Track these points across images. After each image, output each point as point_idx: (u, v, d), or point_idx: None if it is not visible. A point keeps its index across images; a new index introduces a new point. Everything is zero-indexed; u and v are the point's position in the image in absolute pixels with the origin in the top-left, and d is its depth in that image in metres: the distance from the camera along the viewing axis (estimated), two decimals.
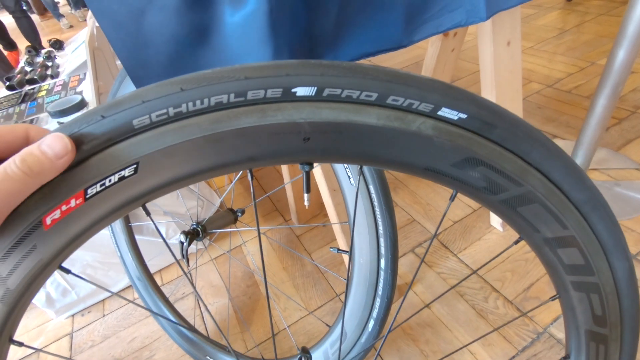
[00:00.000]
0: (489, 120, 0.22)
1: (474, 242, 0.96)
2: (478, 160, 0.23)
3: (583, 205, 0.26)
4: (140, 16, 0.35)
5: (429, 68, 1.01)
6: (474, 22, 0.55)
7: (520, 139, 0.23)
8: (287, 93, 0.20)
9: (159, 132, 0.20)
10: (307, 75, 0.20)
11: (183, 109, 0.20)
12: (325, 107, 0.21)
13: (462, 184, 0.24)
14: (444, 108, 0.21)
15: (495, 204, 0.25)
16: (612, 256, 0.27)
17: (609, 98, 0.90)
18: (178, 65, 0.39)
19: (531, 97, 1.43)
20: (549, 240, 0.27)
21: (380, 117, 0.21)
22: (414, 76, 0.21)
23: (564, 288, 0.29)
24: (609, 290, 0.28)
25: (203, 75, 0.20)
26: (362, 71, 0.20)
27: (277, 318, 0.88)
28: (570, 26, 1.93)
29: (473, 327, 0.78)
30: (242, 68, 0.20)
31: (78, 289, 0.93)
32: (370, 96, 0.21)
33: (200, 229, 0.65)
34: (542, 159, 0.24)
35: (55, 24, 4.42)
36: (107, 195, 0.21)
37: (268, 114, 0.21)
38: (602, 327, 0.30)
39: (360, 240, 0.54)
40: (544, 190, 0.24)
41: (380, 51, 0.52)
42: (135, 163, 0.21)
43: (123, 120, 0.20)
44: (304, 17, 0.45)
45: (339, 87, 0.20)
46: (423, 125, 0.22)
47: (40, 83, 1.25)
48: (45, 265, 0.22)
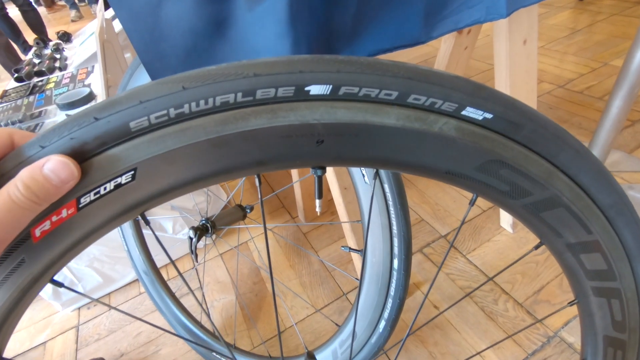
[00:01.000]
0: (516, 121, 0.21)
1: (483, 243, 0.95)
2: (503, 162, 0.22)
3: (609, 209, 0.24)
4: (158, 8, 0.34)
5: (441, 66, 0.99)
6: (493, 19, 0.54)
7: (548, 141, 0.22)
8: (300, 92, 0.19)
9: (159, 135, 0.19)
10: (322, 72, 0.18)
11: (185, 109, 0.18)
12: (341, 107, 0.19)
13: (484, 188, 0.23)
14: (468, 107, 0.20)
15: (518, 208, 0.24)
16: (635, 261, 0.26)
17: (625, 99, 0.89)
18: (195, 58, 0.38)
19: (542, 97, 1.42)
20: (572, 246, 0.25)
21: (400, 117, 0.20)
22: (437, 73, 0.19)
23: (583, 294, 0.28)
24: (630, 295, 0.27)
25: (207, 72, 0.18)
26: (381, 68, 0.19)
27: (284, 316, 0.87)
28: (582, 26, 1.90)
29: (482, 330, 0.77)
30: (250, 64, 0.18)
31: (84, 282, 0.93)
32: (390, 95, 0.19)
33: (209, 225, 0.64)
34: (569, 162, 0.23)
35: (63, 17, 4.43)
36: (102, 205, 0.20)
37: (279, 114, 0.19)
38: (621, 333, 0.29)
39: (373, 239, 0.53)
40: (570, 194, 0.23)
41: (398, 47, 0.51)
42: (133, 169, 0.19)
43: (119, 122, 0.18)
44: (322, 11, 0.44)
45: (356, 85, 0.19)
46: (446, 126, 0.20)
47: (48, 75, 1.24)
48: (36, 279, 0.21)
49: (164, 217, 0.94)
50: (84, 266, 0.91)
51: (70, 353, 0.88)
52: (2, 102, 1.09)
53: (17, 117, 0.93)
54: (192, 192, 0.24)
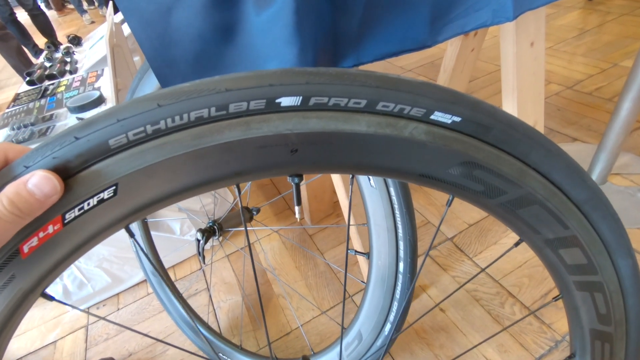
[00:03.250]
0: (485, 123, 0.21)
1: (489, 245, 0.94)
2: (475, 164, 0.22)
3: (584, 204, 0.25)
4: (168, 14, 0.35)
5: (447, 68, 0.99)
6: (500, 22, 0.54)
7: (518, 141, 0.22)
8: (272, 104, 0.19)
9: (138, 150, 0.20)
10: (291, 85, 0.19)
11: (162, 125, 0.19)
12: (312, 117, 0.20)
13: (459, 189, 0.24)
14: (436, 112, 0.21)
15: (494, 207, 0.25)
16: (615, 254, 0.27)
17: (635, 101, 0.88)
18: (204, 64, 0.39)
19: (550, 98, 1.40)
20: (550, 242, 0.26)
21: (370, 124, 0.20)
22: (404, 80, 0.20)
23: (566, 288, 0.29)
24: (613, 288, 0.28)
25: (181, 89, 0.19)
26: (349, 77, 0.20)
27: (290, 317, 0.88)
28: (591, 26, 1.88)
29: (489, 333, 0.77)
30: (222, 80, 0.19)
31: (94, 282, 0.94)
32: (359, 103, 0.20)
33: (216, 227, 0.65)
34: (541, 160, 0.23)
35: (73, 20, 4.49)
36: (87, 219, 0.21)
37: (252, 126, 0.20)
38: (606, 326, 0.30)
39: (379, 243, 0.53)
40: (544, 191, 0.24)
41: (404, 51, 0.51)
42: (114, 184, 0.20)
43: (98, 140, 0.19)
44: (329, 16, 0.44)
45: (325, 95, 0.20)
46: (416, 131, 0.21)
47: (59, 78, 1.26)
48: (27, 294, 0.21)
49: (171, 218, 0.95)
50: (93, 267, 0.92)
51: (80, 352, 0.90)
52: (15, 106, 1.11)
53: (29, 120, 0.95)
54: (173, 204, 0.25)
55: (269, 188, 1.28)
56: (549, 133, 1.24)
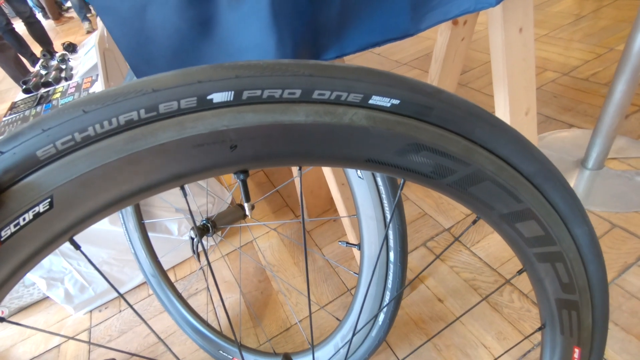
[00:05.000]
0: (424, 103, 0.21)
1: (487, 235, 0.94)
2: (420, 145, 0.22)
3: (535, 177, 0.25)
4: (143, 12, 0.35)
5: (438, 58, 0.99)
6: (482, 7, 0.54)
7: (460, 118, 0.22)
8: (203, 101, 0.19)
9: (69, 160, 0.19)
10: (220, 80, 0.19)
11: (90, 132, 0.19)
12: (248, 111, 0.20)
13: (408, 172, 0.24)
14: (374, 96, 0.21)
15: (445, 187, 0.25)
16: (571, 223, 0.28)
17: (628, 83, 0.87)
18: (182, 59, 0.39)
19: (546, 85, 1.39)
20: (505, 216, 0.27)
21: (309, 113, 0.20)
22: (337, 66, 0.20)
23: (528, 261, 0.29)
24: (573, 256, 0.29)
25: (106, 94, 0.19)
26: (280, 68, 0.19)
27: (289, 313, 0.88)
28: (587, 12, 1.87)
29: (487, 322, 0.77)
30: (148, 80, 0.19)
31: (95, 286, 0.95)
32: (293, 93, 0.20)
33: (210, 224, 0.66)
34: (486, 136, 0.23)
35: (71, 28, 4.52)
36: (25, 235, 0.19)
37: (186, 125, 0.19)
38: (571, 294, 0.30)
39: (369, 233, 0.54)
40: (493, 167, 0.24)
41: (387, 40, 0.51)
42: (49, 197, 0.19)
43: (24, 152, 0.18)
44: (307, 8, 0.45)
45: (258, 88, 0.19)
46: (355, 117, 0.21)
47: (55, 85, 1.28)
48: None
49: (169, 219, 0.96)
50: (93, 270, 0.93)
51: (83, 355, 0.91)
52: (12, 114, 1.13)
53: None
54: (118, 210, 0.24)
55: (267, 186, 1.29)
56: (545, 120, 1.23)
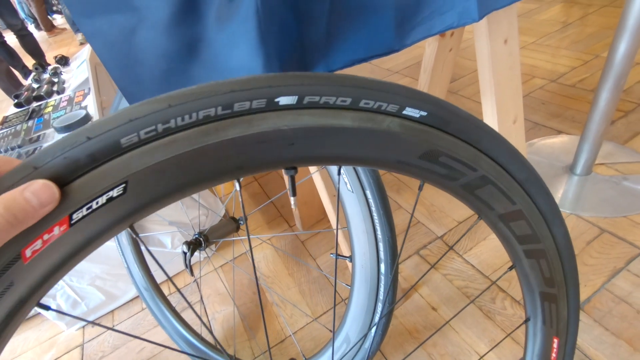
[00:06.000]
0: (445, 116, 0.25)
1: (479, 241, 0.95)
2: (439, 151, 0.26)
3: (525, 182, 0.30)
4: (131, 35, 0.36)
5: (427, 68, 1.01)
6: (466, 23, 0.55)
7: (471, 130, 0.27)
8: (271, 103, 0.22)
9: (148, 148, 0.20)
10: (288, 86, 0.22)
11: (172, 124, 0.20)
12: (306, 114, 0.22)
13: (428, 174, 0.27)
14: (407, 108, 0.24)
15: (457, 188, 0.29)
16: (551, 224, 0.32)
17: (612, 91, 0.89)
18: (171, 80, 0.40)
19: (535, 92, 1.42)
20: (502, 216, 0.31)
21: (355, 119, 0.23)
22: (381, 82, 0.24)
23: (517, 257, 0.34)
24: (552, 253, 0.33)
25: (190, 91, 0.20)
26: (337, 80, 0.23)
27: (284, 324, 0.88)
28: (573, 19, 1.91)
29: (481, 329, 0.77)
30: (228, 82, 0.21)
31: (87, 301, 0.94)
32: (345, 101, 0.23)
33: (202, 238, 0.66)
34: (490, 146, 0.28)
35: (64, 40, 4.52)
36: (94, 219, 0.21)
37: (254, 123, 0.22)
38: (551, 288, 0.35)
39: (360, 245, 0.54)
40: (494, 172, 0.29)
41: (373, 56, 0.52)
42: (124, 182, 0.20)
43: (110, 140, 0.20)
44: (294, 28, 0.46)
45: (317, 95, 0.22)
46: (392, 124, 0.24)
47: (46, 99, 1.27)
48: (24, 303, 0.21)
49: (162, 232, 0.95)
50: (86, 285, 0.92)
51: None
52: (3, 129, 1.12)
53: (17, 142, 0.96)
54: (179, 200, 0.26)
55: (261, 196, 1.29)
56: (534, 127, 1.25)
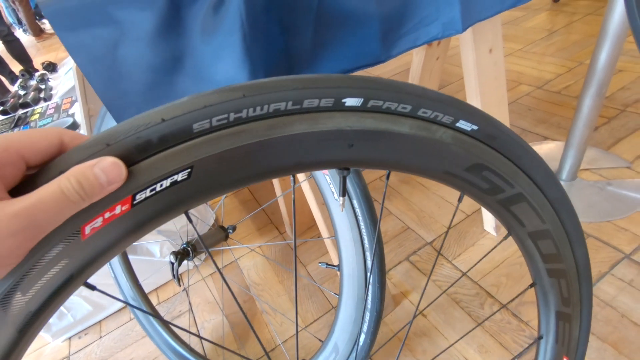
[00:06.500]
0: (493, 132, 0.26)
1: (468, 247, 0.96)
2: (484, 165, 0.27)
3: (555, 202, 0.31)
4: (115, 49, 0.36)
5: (415, 77, 1.02)
6: (450, 34, 0.56)
7: (514, 147, 0.27)
8: (338, 103, 0.22)
9: (216, 136, 0.20)
10: (356, 88, 0.22)
11: (243, 114, 0.20)
12: (368, 117, 0.23)
13: (470, 186, 0.28)
14: (461, 120, 0.25)
15: (493, 203, 0.29)
16: (574, 245, 0.33)
17: (595, 98, 0.91)
18: (155, 92, 0.40)
19: (521, 99, 1.44)
20: (532, 234, 0.31)
21: (412, 126, 0.24)
22: (439, 93, 0.24)
23: (539, 275, 0.34)
24: (572, 274, 0.34)
25: (264, 83, 0.21)
26: (400, 87, 0.23)
27: (272, 333, 0.88)
28: (558, 27, 1.95)
29: (470, 335, 0.78)
30: (300, 79, 0.21)
31: (74, 312, 0.93)
32: (405, 108, 0.23)
33: (190, 248, 0.65)
34: (528, 164, 0.28)
35: (52, 44, 4.47)
36: (156, 201, 0.20)
37: (319, 121, 0.22)
38: (567, 307, 0.35)
39: (347, 254, 0.54)
40: (530, 190, 0.29)
41: (359, 67, 0.53)
42: (190, 167, 0.20)
43: (183, 124, 0.19)
44: (280, 39, 0.46)
45: (381, 100, 0.23)
46: (444, 135, 0.25)
47: (33, 106, 1.26)
48: (74, 279, 0.20)
49: (150, 241, 0.94)
50: (72, 295, 0.91)
51: None
52: None
53: None
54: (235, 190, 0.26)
55: (251, 203, 1.29)
56: (521, 133, 1.27)
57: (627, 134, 1.15)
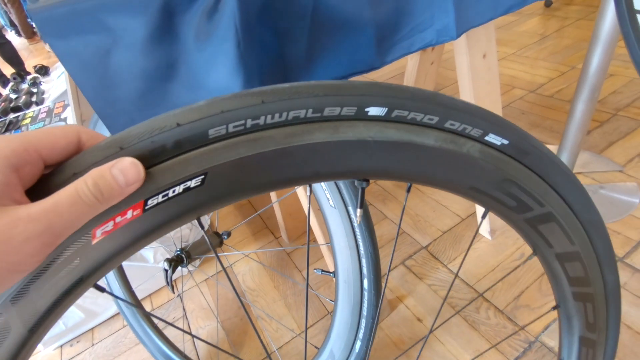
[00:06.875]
0: (525, 148, 0.25)
1: (463, 251, 0.96)
2: (513, 182, 0.25)
3: (587, 224, 0.29)
4: (107, 56, 0.36)
5: (410, 81, 1.02)
6: (444, 41, 0.56)
7: (546, 165, 0.26)
8: (361, 112, 0.21)
9: (232, 142, 0.20)
10: (381, 96, 0.21)
11: (261, 121, 0.20)
12: (391, 127, 0.22)
13: (496, 203, 0.26)
14: (491, 134, 0.23)
15: (520, 222, 0.28)
16: (605, 269, 0.31)
17: (587, 102, 0.92)
18: (148, 100, 0.39)
19: (515, 103, 1.45)
20: (559, 255, 0.30)
21: (437, 139, 0.22)
22: (469, 104, 0.23)
23: (564, 298, 0.32)
24: (600, 299, 0.32)
25: (283, 89, 0.20)
26: (427, 96, 0.22)
27: (270, 339, 0.87)
28: (550, 31, 1.97)
29: (465, 340, 0.78)
30: (321, 85, 0.20)
31: (66, 319, 0.91)
32: (432, 119, 0.22)
33: (184, 255, 0.65)
34: (561, 183, 0.27)
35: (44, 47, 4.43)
36: (167, 207, 0.20)
37: (340, 130, 0.21)
38: (592, 333, 0.34)
39: (342, 261, 0.54)
40: (561, 210, 0.27)
41: (354, 73, 0.53)
42: (204, 174, 0.20)
43: (199, 129, 0.19)
44: (274, 46, 0.46)
45: (406, 110, 0.21)
46: (472, 148, 0.23)
47: (24, 110, 1.24)
48: (83, 281, 0.20)
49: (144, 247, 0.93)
50: None
51: None
52: None
53: None
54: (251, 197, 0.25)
55: (247, 208, 1.28)
56: None
57: (619, 138, 1.16)
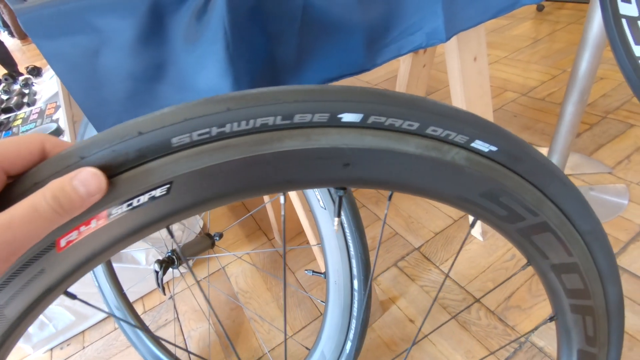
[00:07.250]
0: (517, 155, 0.23)
1: (454, 253, 0.96)
2: (503, 190, 0.24)
3: (587, 235, 0.27)
4: (95, 57, 0.36)
5: (402, 84, 1.03)
6: (434, 44, 0.57)
7: (541, 173, 0.24)
8: (334, 118, 0.20)
9: (198, 151, 0.19)
10: (355, 102, 0.20)
11: (227, 129, 0.19)
12: (368, 134, 0.21)
13: (485, 212, 0.25)
14: (477, 140, 0.22)
15: (512, 232, 0.27)
16: (606, 282, 0.29)
17: (577, 105, 0.93)
18: (137, 101, 0.39)
19: (507, 106, 1.47)
20: (555, 267, 0.28)
21: (419, 146, 0.21)
22: (453, 108, 0.22)
23: (562, 310, 0.31)
24: (601, 312, 0.30)
25: (251, 95, 0.19)
26: (407, 101, 0.21)
27: (260, 341, 0.87)
28: (542, 35, 2.00)
29: (456, 340, 0.78)
30: (291, 90, 0.20)
31: (56, 322, 0.90)
32: (412, 125, 0.21)
33: (175, 256, 0.64)
34: (557, 192, 0.25)
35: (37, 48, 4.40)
36: (132, 217, 0.20)
37: (312, 138, 0.20)
38: (592, 347, 0.32)
39: (333, 262, 0.54)
40: (557, 220, 0.26)
41: (344, 75, 0.53)
42: (169, 183, 0.19)
43: (161, 138, 0.18)
44: (264, 47, 0.46)
45: (384, 115, 0.20)
46: (457, 156, 0.22)
47: (16, 111, 1.23)
48: (51, 291, 0.20)
49: (136, 249, 0.93)
50: (54, 305, 0.89)
51: None
52: None
53: None
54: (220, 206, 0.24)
55: (240, 210, 1.28)
56: None
57: (609, 140, 1.18)
